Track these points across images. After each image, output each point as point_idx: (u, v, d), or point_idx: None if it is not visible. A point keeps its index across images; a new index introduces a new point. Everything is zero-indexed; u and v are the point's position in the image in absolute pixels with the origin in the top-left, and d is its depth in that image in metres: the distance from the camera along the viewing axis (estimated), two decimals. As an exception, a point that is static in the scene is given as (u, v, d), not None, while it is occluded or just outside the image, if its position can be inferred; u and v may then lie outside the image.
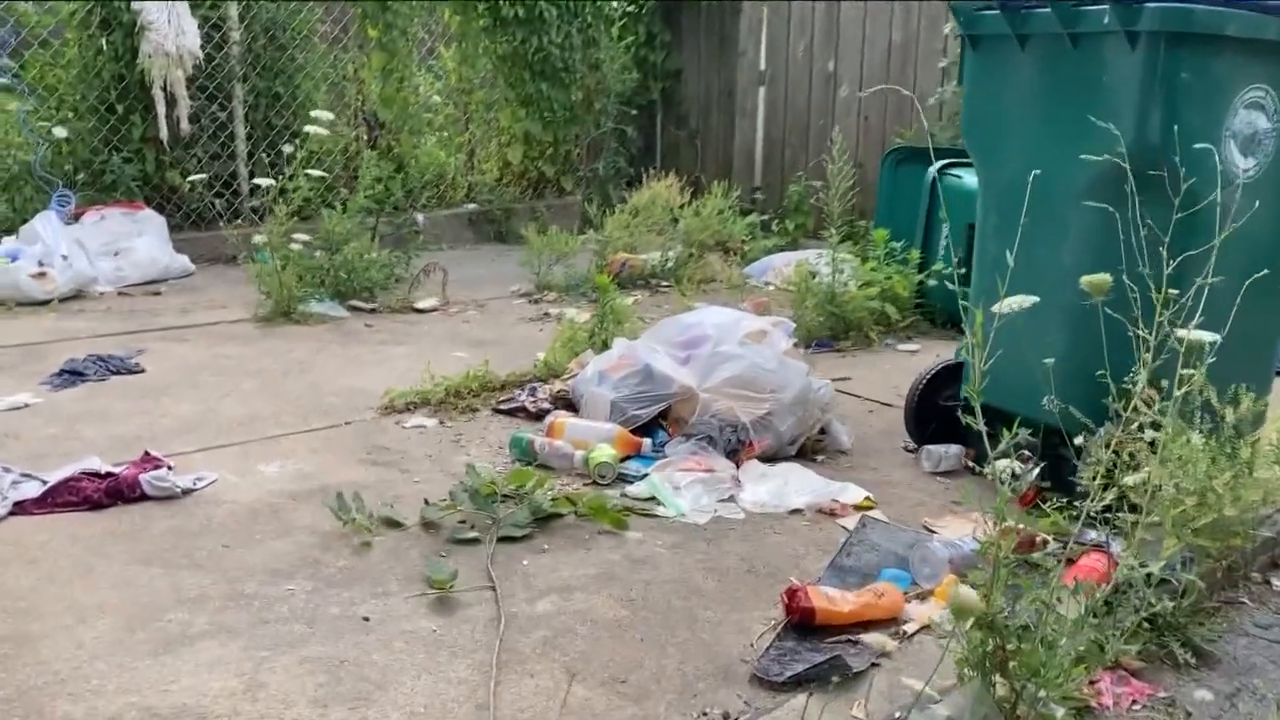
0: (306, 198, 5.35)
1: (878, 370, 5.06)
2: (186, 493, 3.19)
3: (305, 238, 5.10)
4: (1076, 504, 2.72)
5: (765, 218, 8.03)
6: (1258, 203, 3.19)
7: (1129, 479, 2.81)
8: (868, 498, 3.37)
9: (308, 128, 5.23)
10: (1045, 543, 3.07)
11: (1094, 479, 2.38)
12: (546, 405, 4.09)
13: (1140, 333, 2.46)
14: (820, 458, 3.81)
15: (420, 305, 5.74)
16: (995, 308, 2.73)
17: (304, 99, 7.03)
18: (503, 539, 2.98)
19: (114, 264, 5.88)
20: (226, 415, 3.92)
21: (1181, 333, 2.69)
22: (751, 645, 2.54)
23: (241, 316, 5.32)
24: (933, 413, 3.89)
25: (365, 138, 7.47)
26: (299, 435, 3.75)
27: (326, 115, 5.22)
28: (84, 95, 6.39)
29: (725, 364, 3.78)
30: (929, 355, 5.02)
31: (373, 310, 5.60)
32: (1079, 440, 2.91)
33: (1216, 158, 3.15)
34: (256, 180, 5.22)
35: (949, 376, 3.94)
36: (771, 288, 6.77)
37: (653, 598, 2.72)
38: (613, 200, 8.11)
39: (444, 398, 4.08)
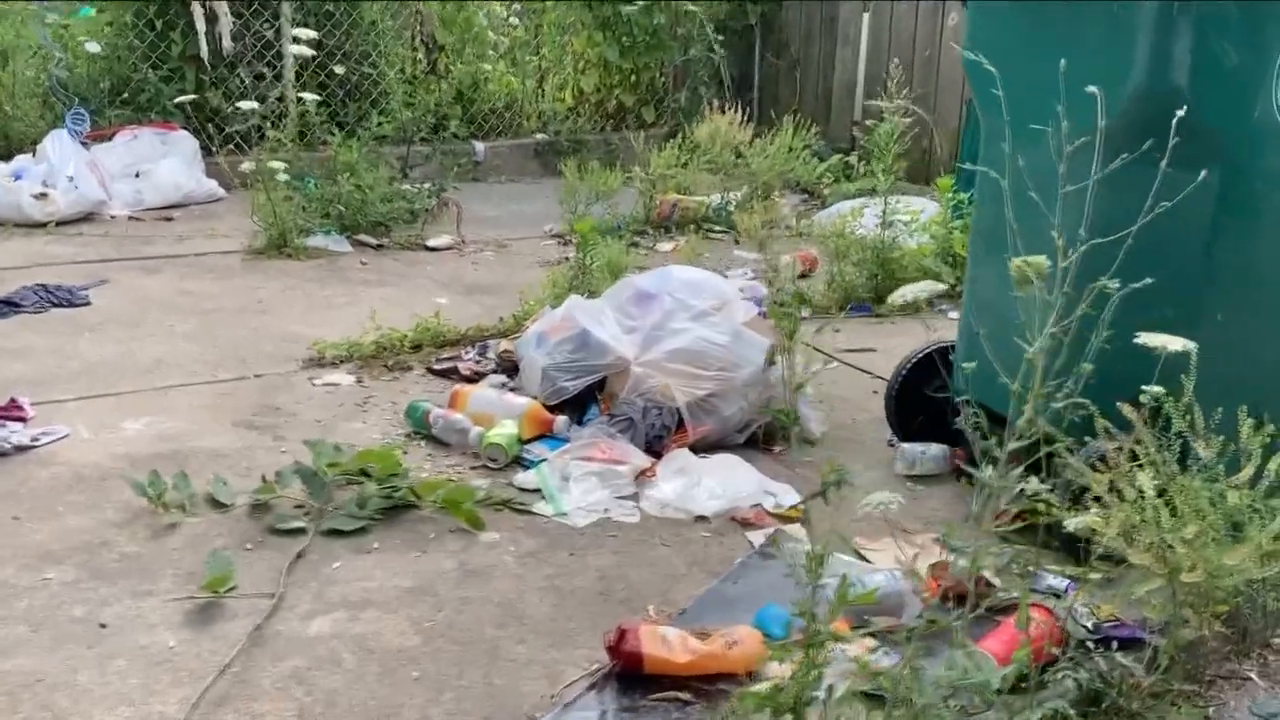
0: (311, 122, 4.98)
1: (912, 341, 4.38)
2: (21, 449, 2.89)
3: (282, 166, 4.75)
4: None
5: (857, 155, 7.30)
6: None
7: (1070, 522, 2.21)
8: (794, 506, 2.81)
9: (291, 47, 4.85)
10: (983, 586, 2.47)
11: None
12: (489, 368, 3.65)
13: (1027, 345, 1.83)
14: (778, 448, 3.25)
15: (432, 243, 5.34)
16: (895, 295, 2.16)
17: (357, 17, 6.66)
18: (330, 532, 2.57)
19: (134, 186, 5.68)
20: (137, 360, 3.62)
21: (1145, 337, 2.05)
22: (553, 697, 2.06)
23: (235, 248, 5.03)
24: (919, 404, 3.26)
25: (423, 61, 7.07)
26: (196, 387, 3.42)
27: (308, 33, 4.82)
28: (121, 9, 6.17)
29: (671, 335, 3.24)
30: (978, 327, 4.34)
31: (379, 246, 5.23)
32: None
33: (1266, 108, 2.44)
34: (239, 104, 4.88)
35: (942, 361, 3.30)
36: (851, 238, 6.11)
37: (461, 622, 2.27)
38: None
39: (374, 352, 3.68)
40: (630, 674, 2.12)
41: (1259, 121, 2.44)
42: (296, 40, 4.91)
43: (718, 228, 6.11)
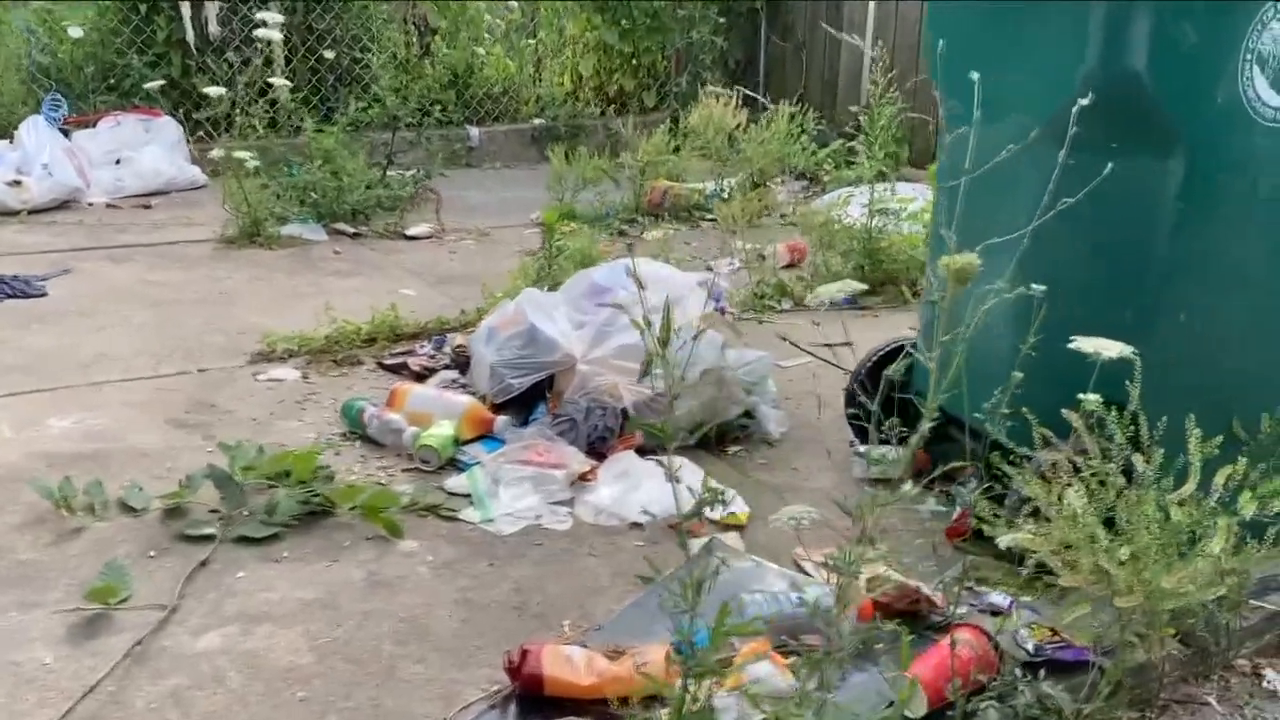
0: (288, 108, 4.87)
1: (894, 335, 4.24)
2: (-63, 449, 2.80)
3: (247, 154, 4.64)
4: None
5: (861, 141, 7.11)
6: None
7: (1003, 539, 2.07)
8: (733, 513, 2.67)
9: (259, 31, 4.73)
10: (925, 603, 2.33)
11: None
12: (443, 363, 3.53)
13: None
14: (734, 449, 3.12)
15: (411, 231, 5.22)
16: (811, 297, 2.01)
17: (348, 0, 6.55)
18: (241, 539, 2.46)
19: (114, 174, 5.60)
20: (81, 353, 3.53)
21: (1079, 342, 1.90)
22: (444, 722, 1.94)
23: (208, 236, 4.94)
24: (882, 404, 3.10)
25: (415, 45, 6.94)
26: (134, 382, 3.32)
27: (276, 17, 4.70)
28: (107, -6, 6.09)
29: (620, 331, 3.11)
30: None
31: (356, 235, 5.12)
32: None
33: (1231, 92, 2.26)
34: (207, 89, 4.77)
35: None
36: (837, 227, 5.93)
37: (360, 639, 2.15)
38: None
39: (324, 346, 3.57)
40: (531, 696, 2.01)
41: (1224, 108, 2.26)
42: (264, 24, 4.76)
43: (710, 216, 5.96)
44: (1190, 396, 2.31)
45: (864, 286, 1.89)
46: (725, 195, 6.03)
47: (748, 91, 5.81)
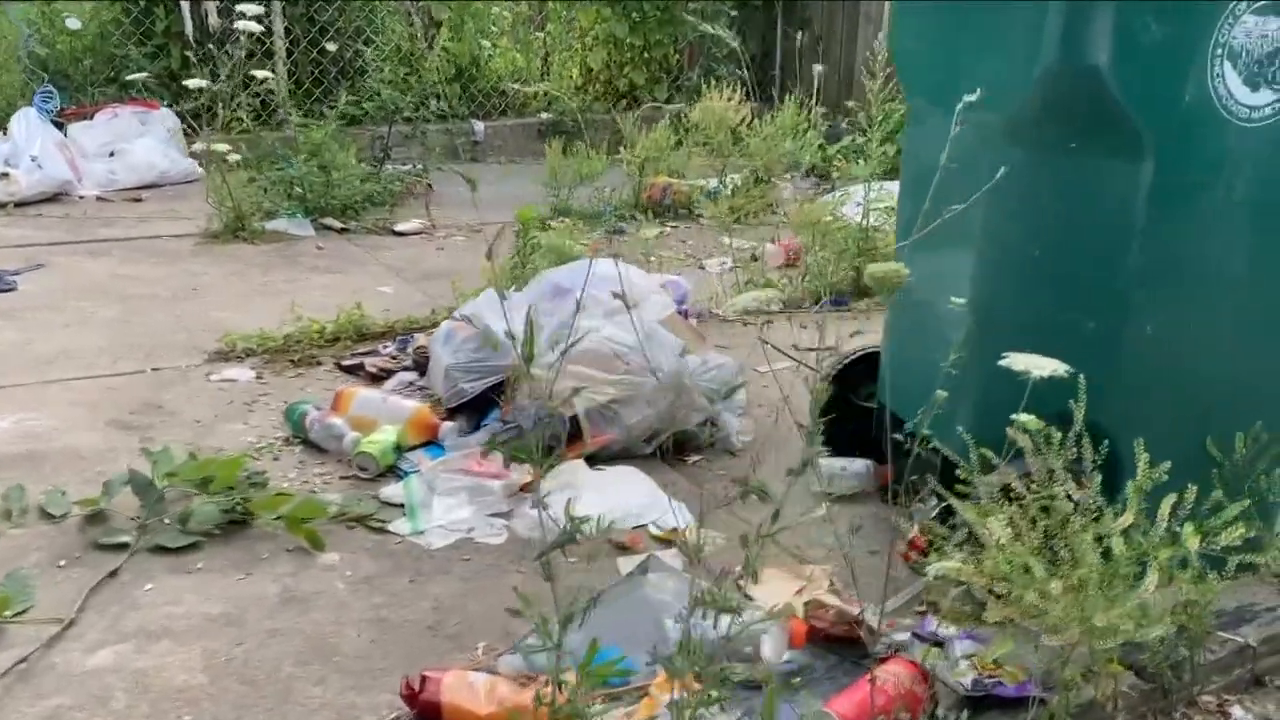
0: (281, 102, 4.79)
1: (879, 337, 4.09)
2: None
3: (226, 148, 4.57)
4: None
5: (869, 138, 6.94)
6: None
7: (932, 568, 1.94)
8: (675, 529, 2.55)
9: (238, 23, 4.64)
10: (864, 630, 2.19)
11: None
12: (404, 364, 3.43)
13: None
14: (694, 459, 3.00)
15: (400, 227, 5.14)
16: (728, 306, 1.90)
17: (350, -6, 6.49)
18: (157, 549, 2.37)
19: (107, 166, 5.57)
20: (37, 350, 3.47)
21: (1010, 359, 1.76)
22: (333, 750, 1.84)
23: (192, 231, 4.88)
24: (848, 413, 2.97)
25: (421, 39, 6.85)
26: (85, 381, 3.25)
27: (254, 9, 4.63)
28: (105, -15, 6.06)
29: (576, 334, 2.99)
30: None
31: (343, 230, 5.04)
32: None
33: (1200, 89, 2.11)
34: (187, 81, 4.70)
35: (873, 367, 3.02)
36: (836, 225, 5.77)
37: (259, 658, 2.05)
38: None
39: (283, 345, 3.48)
40: (429, 725, 1.90)
41: (1192, 106, 2.10)
42: (243, 16, 4.67)
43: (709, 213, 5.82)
44: (1161, 412, 2.18)
45: (781, 295, 1.76)
46: (728, 192, 5.89)
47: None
